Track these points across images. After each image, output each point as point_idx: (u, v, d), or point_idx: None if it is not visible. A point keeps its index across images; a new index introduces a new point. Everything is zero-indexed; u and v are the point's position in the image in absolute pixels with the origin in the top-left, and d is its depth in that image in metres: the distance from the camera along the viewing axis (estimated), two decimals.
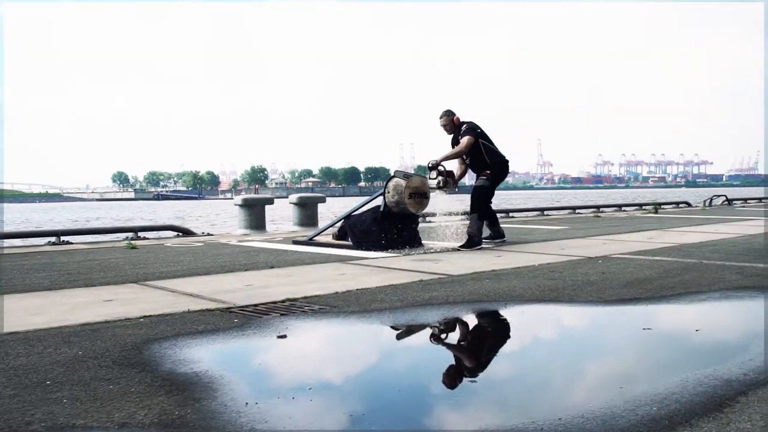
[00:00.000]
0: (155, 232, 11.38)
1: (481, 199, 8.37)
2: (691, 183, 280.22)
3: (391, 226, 8.10)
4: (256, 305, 4.68)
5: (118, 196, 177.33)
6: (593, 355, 3.42)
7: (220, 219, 37.51)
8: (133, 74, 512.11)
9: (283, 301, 4.79)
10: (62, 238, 9.71)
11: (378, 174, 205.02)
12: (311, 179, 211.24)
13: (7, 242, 9.96)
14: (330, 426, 2.38)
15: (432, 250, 8.01)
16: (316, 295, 4.98)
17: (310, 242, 8.89)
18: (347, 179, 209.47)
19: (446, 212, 9.25)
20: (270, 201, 11.98)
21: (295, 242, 9.15)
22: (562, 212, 17.87)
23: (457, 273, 6.07)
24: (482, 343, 3.86)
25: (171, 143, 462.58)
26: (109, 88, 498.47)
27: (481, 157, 8.45)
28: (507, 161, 8.72)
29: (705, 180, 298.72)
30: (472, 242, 8.16)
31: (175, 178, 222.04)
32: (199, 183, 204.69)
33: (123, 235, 10.64)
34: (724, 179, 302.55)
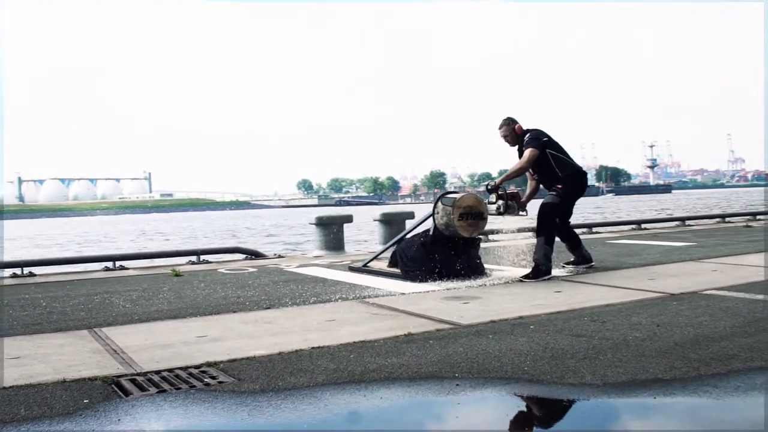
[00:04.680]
0: (226, 254, 10.78)
1: (547, 218, 6.90)
2: None
3: (440, 252, 6.87)
4: (158, 372, 3.80)
5: (303, 202, 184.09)
6: None
7: (367, 229, 35.46)
8: (316, 82, 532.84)
9: (198, 366, 3.87)
10: (118, 263, 9.35)
11: None
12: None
13: (63, 268, 9.77)
14: None
15: (487, 282, 6.69)
16: (249, 357, 4.00)
17: (363, 269, 7.87)
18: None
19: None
20: (349, 219, 10.98)
21: (351, 269, 8.18)
22: (709, 221, 15.39)
23: (468, 322, 4.81)
24: None
25: (353, 150, 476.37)
26: (293, 98, 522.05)
27: (551, 170, 7.01)
28: (584, 173, 7.21)
29: None
30: (538, 272, 6.72)
31: (357, 184, 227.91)
32: (379, 188, 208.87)
33: (186, 259, 10.13)
34: None
